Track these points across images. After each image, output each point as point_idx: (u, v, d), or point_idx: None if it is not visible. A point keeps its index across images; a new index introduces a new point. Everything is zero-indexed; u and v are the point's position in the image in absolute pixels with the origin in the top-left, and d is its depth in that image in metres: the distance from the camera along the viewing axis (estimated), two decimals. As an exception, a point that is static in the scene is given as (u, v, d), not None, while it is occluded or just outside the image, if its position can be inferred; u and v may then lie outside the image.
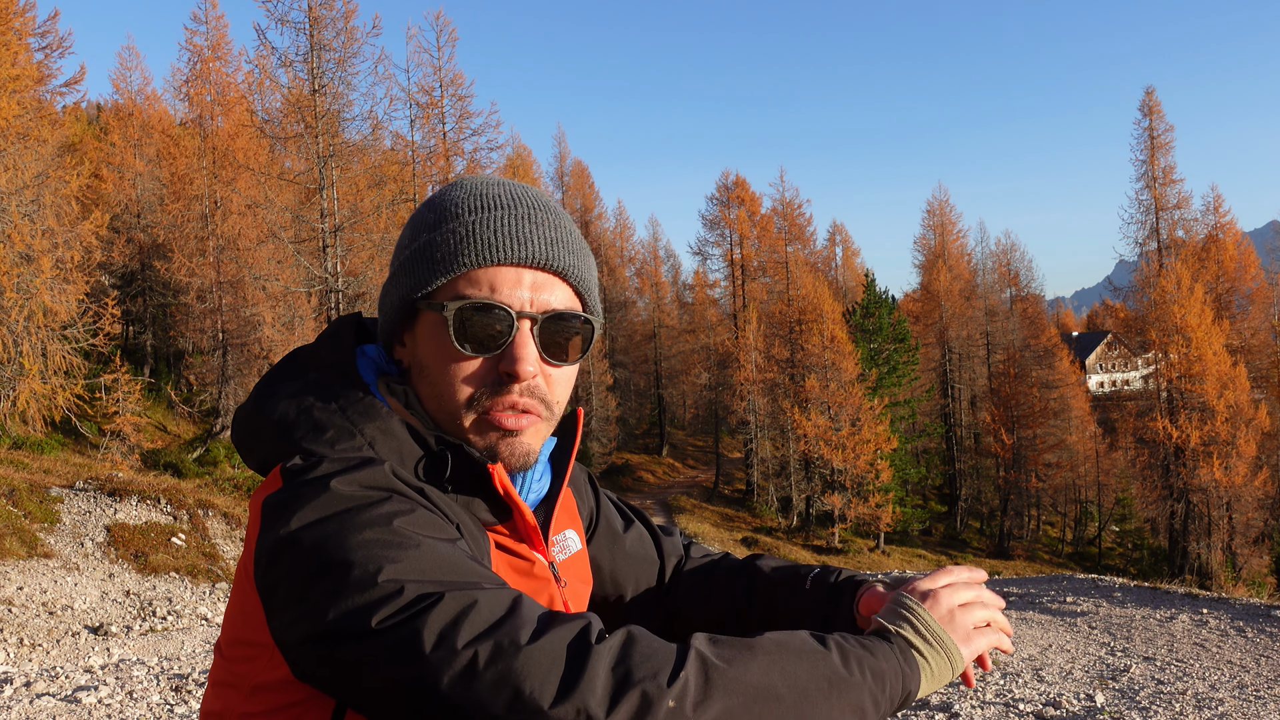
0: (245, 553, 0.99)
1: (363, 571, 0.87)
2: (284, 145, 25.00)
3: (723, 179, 44.78)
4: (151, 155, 31.24)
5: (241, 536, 13.82)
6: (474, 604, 0.86)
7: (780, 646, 0.93)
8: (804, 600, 1.28)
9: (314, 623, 0.88)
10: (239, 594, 1.00)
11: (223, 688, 1.02)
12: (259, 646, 0.96)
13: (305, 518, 0.92)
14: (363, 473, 0.96)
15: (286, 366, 1.14)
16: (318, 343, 1.15)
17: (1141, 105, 38.36)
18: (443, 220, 1.10)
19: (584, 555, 1.29)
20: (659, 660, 0.85)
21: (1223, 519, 33.29)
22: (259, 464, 1.10)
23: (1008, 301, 52.63)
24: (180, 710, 6.02)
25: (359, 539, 0.90)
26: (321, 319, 24.61)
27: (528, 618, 0.86)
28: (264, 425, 1.07)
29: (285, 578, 0.91)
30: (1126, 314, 42.92)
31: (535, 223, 1.10)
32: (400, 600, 0.86)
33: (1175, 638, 7.65)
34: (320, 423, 1.04)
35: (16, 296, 18.90)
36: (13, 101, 18.99)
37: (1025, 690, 6.04)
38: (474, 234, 1.08)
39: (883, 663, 0.97)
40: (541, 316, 1.08)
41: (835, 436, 34.42)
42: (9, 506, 11.59)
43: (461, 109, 29.55)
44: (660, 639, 0.89)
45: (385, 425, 1.05)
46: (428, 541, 0.92)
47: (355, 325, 1.19)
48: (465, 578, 0.90)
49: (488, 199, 1.10)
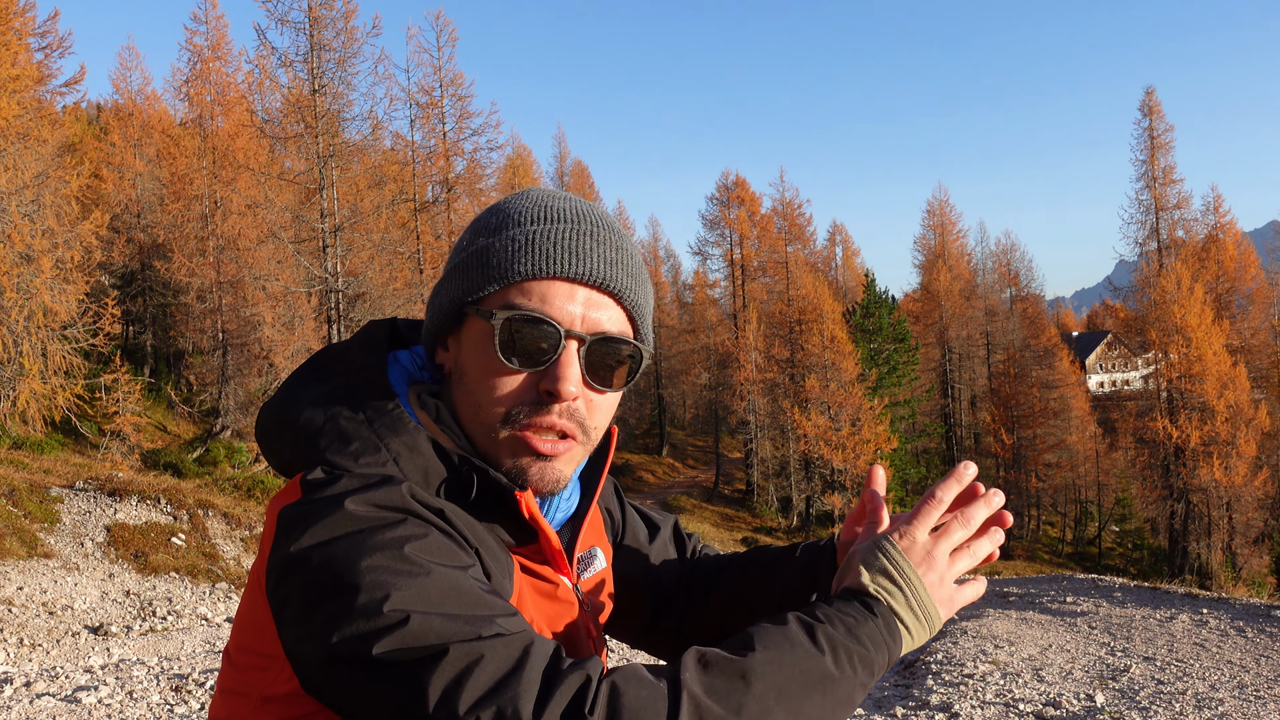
0: (259, 559, 0.99)
1: (369, 598, 0.87)
2: (284, 145, 24.99)
3: (723, 179, 44.84)
4: (151, 155, 31.23)
5: (241, 536, 13.82)
6: (479, 660, 0.85)
7: (774, 664, 0.91)
8: (793, 567, 1.33)
9: (320, 643, 0.88)
10: (250, 601, 0.99)
11: (231, 695, 1.01)
12: (269, 657, 0.95)
13: (317, 535, 0.91)
14: (379, 492, 0.95)
15: (315, 367, 1.12)
16: (349, 344, 1.13)
17: (1141, 105, 38.41)
18: (504, 227, 1.07)
19: (609, 572, 1.28)
20: (649, 715, 0.84)
21: (1223, 519, 33.30)
22: (281, 466, 1.09)
23: (1008, 301, 52.65)
24: (180, 710, 6.02)
25: (368, 563, 0.89)
26: (321, 319, 24.61)
27: (531, 679, 0.85)
28: (288, 428, 1.06)
29: (294, 594, 0.91)
30: (1126, 314, 42.91)
31: (597, 240, 1.07)
32: (403, 632, 0.85)
33: (1175, 638, 7.65)
34: (346, 433, 1.02)
35: (16, 296, 18.90)
36: (13, 101, 18.99)
37: (1025, 690, 6.04)
38: (532, 244, 1.04)
39: (872, 653, 0.97)
40: (590, 337, 1.05)
41: (835, 436, 34.42)
42: (9, 506, 11.59)
43: (461, 109, 29.57)
44: (651, 680, 0.87)
45: (411, 441, 1.03)
46: (438, 569, 0.90)
47: (389, 330, 1.16)
48: (473, 610, 0.89)
49: (552, 211, 1.08)
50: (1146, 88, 38.25)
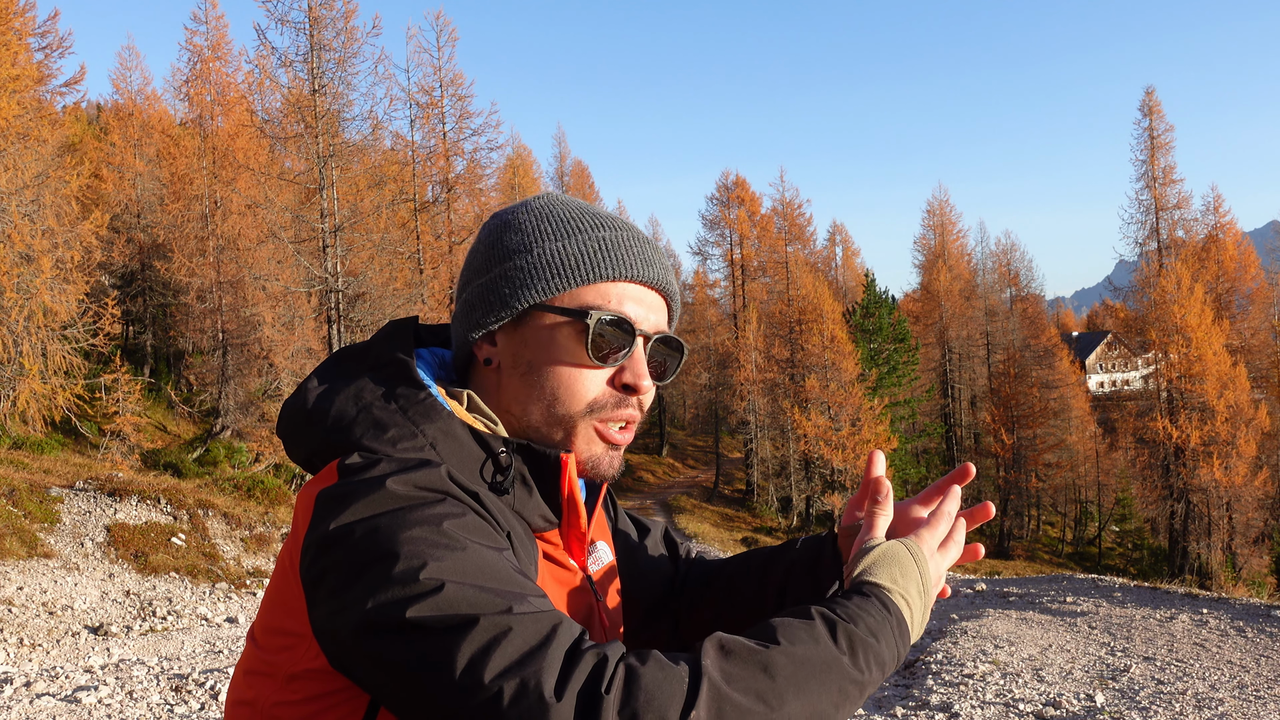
0: (289, 543, 1.00)
1: (406, 565, 0.89)
2: (284, 145, 24.98)
3: (723, 179, 44.85)
4: (151, 155, 31.21)
5: (241, 536, 13.82)
6: (507, 632, 0.87)
7: (796, 658, 0.91)
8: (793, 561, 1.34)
9: (353, 611, 0.89)
10: (280, 582, 1.01)
11: (256, 676, 1.02)
12: (297, 636, 0.96)
13: (358, 513, 0.93)
14: (419, 474, 0.97)
15: (338, 364, 1.15)
16: (371, 342, 1.16)
17: (1141, 105, 38.38)
18: (574, 231, 1.14)
19: (614, 567, 1.30)
20: (665, 696, 0.85)
21: (1223, 519, 33.28)
22: (306, 459, 1.10)
23: (1008, 301, 52.65)
24: (180, 710, 6.02)
25: (407, 535, 0.91)
26: (321, 319, 24.61)
27: (555, 655, 0.86)
28: (318, 421, 1.08)
29: (333, 568, 0.92)
30: (1126, 314, 42.91)
31: (653, 247, 1.18)
32: (437, 599, 0.87)
33: (1175, 638, 7.65)
34: (381, 421, 1.05)
35: (16, 296, 18.90)
36: (13, 101, 18.98)
37: (1025, 690, 6.04)
38: (609, 249, 1.13)
39: (887, 652, 0.98)
40: (655, 336, 1.15)
41: (835, 436, 34.42)
42: (9, 506, 11.59)
43: (461, 109, 29.59)
44: (670, 664, 0.88)
45: (447, 426, 1.06)
46: (474, 546, 0.93)
47: (413, 329, 1.19)
48: (506, 586, 0.91)
49: (604, 218, 1.17)
50: (1146, 88, 38.26)
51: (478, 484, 1.04)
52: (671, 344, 1.18)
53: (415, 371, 1.10)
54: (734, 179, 44.26)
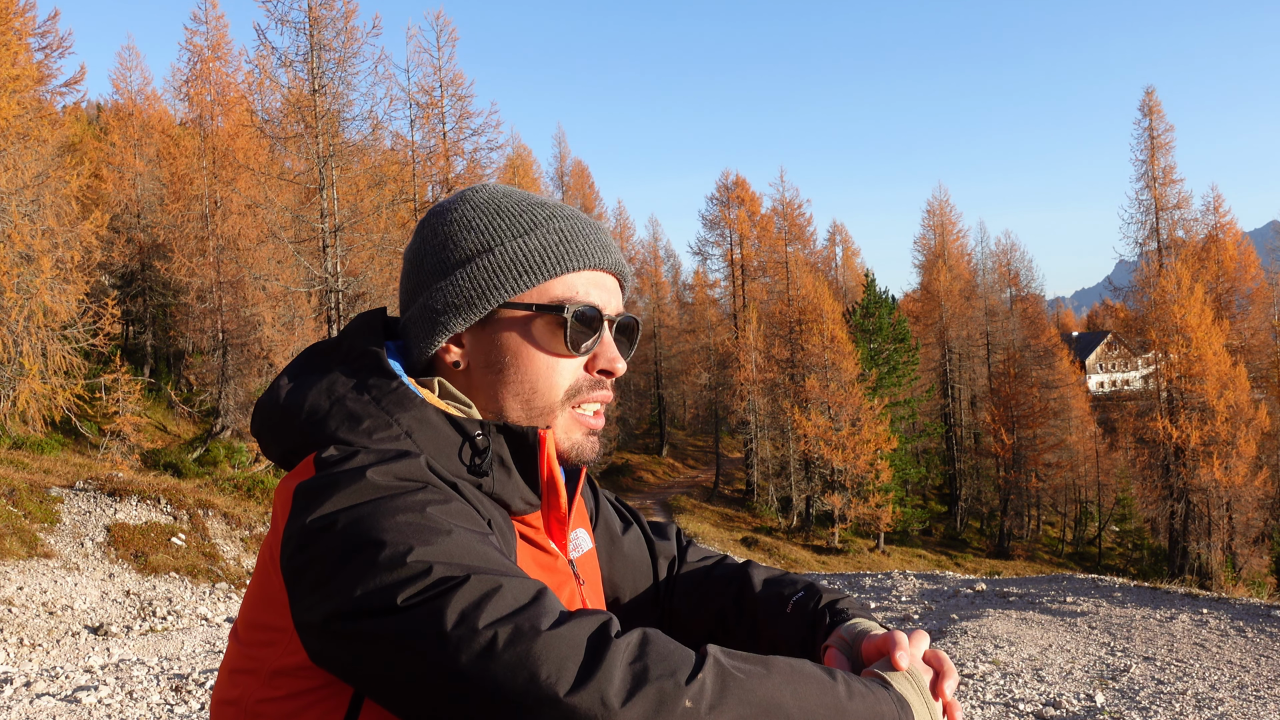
0: (269, 538, 0.99)
1: (393, 551, 0.88)
2: (284, 145, 24.98)
3: (723, 179, 44.81)
4: (151, 155, 31.22)
5: (241, 536, 13.82)
6: (498, 588, 0.86)
7: (792, 669, 0.93)
8: (784, 626, 1.26)
9: (339, 601, 0.88)
10: (261, 579, 1.00)
11: (239, 674, 1.01)
12: (278, 631, 0.95)
13: (340, 503, 0.92)
14: (399, 464, 0.97)
15: (309, 360, 1.14)
16: (341, 337, 1.15)
17: (1141, 105, 38.36)
18: (531, 226, 1.14)
19: (594, 555, 1.30)
20: (676, 660, 0.86)
21: (1223, 519, 33.28)
22: (282, 455, 1.09)
23: (1008, 301, 52.63)
24: (180, 710, 6.02)
25: (391, 522, 0.90)
26: (321, 319, 24.61)
27: (549, 608, 0.87)
28: (291, 416, 1.07)
29: (315, 560, 0.91)
30: (1126, 314, 42.89)
31: (604, 231, 1.20)
32: (427, 580, 0.86)
33: (1175, 638, 7.65)
34: (355, 413, 1.04)
35: (16, 296, 18.89)
36: (13, 101, 18.98)
37: (1025, 690, 6.04)
38: (569, 240, 1.15)
39: (883, 707, 0.97)
40: (618, 319, 1.18)
41: (835, 436, 34.43)
42: (9, 506, 11.59)
43: (461, 109, 29.56)
44: (677, 642, 0.89)
45: (421, 414, 1.06)
46: (459, 530, 0.93)
47: (382, 321, 1.19)
48: (492, 566, 0.90)
49: (552, 208, 1.17)
50: (1146, 88, 38.24)
51: (456, 473, 1.04)
52: (633, 322, 1.21)
53: (386, 362, 1.10)
54: (734, 179, 44.26)
